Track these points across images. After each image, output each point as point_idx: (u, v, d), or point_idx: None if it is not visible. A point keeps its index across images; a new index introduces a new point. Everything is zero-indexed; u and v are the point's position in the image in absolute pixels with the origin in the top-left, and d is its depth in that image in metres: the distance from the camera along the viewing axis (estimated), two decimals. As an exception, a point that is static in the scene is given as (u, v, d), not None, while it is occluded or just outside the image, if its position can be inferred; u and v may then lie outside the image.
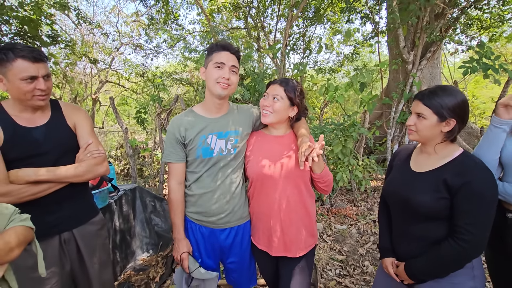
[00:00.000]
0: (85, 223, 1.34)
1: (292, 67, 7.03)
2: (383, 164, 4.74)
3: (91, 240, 1.35)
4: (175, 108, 3.82)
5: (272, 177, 1.30)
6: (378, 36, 4.48)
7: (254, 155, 1.38)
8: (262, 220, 1.36)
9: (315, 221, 1.44)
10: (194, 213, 1.41)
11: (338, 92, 3.30)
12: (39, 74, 1.13)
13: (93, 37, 8.19)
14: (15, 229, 0.88)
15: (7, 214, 0.91)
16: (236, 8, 7.38)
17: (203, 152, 1.32)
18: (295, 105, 1.33)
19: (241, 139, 1.39)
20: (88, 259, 1.34)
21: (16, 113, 1.18)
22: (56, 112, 1.29)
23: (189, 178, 1.40)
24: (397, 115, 3.94)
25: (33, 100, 1.15)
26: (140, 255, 2.69)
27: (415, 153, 1.23)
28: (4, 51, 1.08)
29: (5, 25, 3.53)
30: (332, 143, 3.42)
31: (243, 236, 1.45)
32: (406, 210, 1.15)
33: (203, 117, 1.36)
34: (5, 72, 1.10)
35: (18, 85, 1.10)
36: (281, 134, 1.39)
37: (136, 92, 9.34)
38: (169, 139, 1.36)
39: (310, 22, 7.05)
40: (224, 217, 1.38)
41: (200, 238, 1.42)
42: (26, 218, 0.93)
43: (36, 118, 1.22)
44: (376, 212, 3.66)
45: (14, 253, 0.85)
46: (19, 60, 1.08)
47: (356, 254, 2.77)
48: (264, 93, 1.37)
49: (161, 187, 3.80)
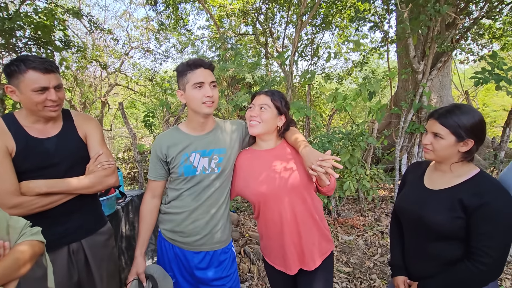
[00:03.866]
0: (93, 234, 1.34)
1: (299, 74, 7.04)
2: (391, 173, 4.68)
3: (99, 251, 1.35)
4: (183, 114, 3.84)
5: (272, 193, 1.25)
6: (388, 44, 4.45)
7: (248, 176, 1.33)
8: (273, 240, 1.32)
9: (327, 225, 1.38)
10: (169, 231, 1.36)
11: (347, 101, 3.28)
12: (50, 85, 1.13)
13: (104, 42, 8.35)
14: (26, 244, 0.88)
15: (19, 228, 0.90)
16: (244, 14, 7.44)
17: (185, 170, 1.28)
18: (283, 114, 1.32)
19: (226, 157, 1.33)
20: (95, 270, 1.33)
21: (28, 124, 1.19)
22: (68, 123, 1.29)
23: (170, 194, 1.36)
24: (406, 125, 3.89)
25: (45, 111, 1.16)
26: (146, 262, 2.68)
27: (429, 170, 1.21)
28: (16, 63, 1.09)
29: (20, 31, 3.62)
30: (340, 152, 3.39)
31: (219, 260, 1.38)
32: (419, 227, 1.13)
33: (187, 134, 1.33)
34: (17, 84, 1.11)
35: (29, 96, 1.11)
36: (271, 146, 1.35)
37: (145, 96, 9.45)
38: (152, 156, 1.35)
39: (318, 28, 7.06)
40: (200, 239, 1.33)
41: (172, 258, 1.37)
42: (37, 232, 0.93)
43: (48, 129, 1.23)
44: (384, 223, 3.60)
45: (25, 269, 0.84)
46: (30, 72, 1.09)
47: (363, 266, 2.72)
48: (250, 105, 1.34)
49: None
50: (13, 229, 0.89)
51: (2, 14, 3.39)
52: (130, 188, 5.08)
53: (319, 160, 1.10)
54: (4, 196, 1.07)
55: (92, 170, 1.26)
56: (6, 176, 1.08)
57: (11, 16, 3.33)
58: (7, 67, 1.11)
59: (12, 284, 0.81)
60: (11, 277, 0.81)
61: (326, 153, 1.12)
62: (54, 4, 4.09)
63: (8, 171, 1.09)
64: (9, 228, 0.89)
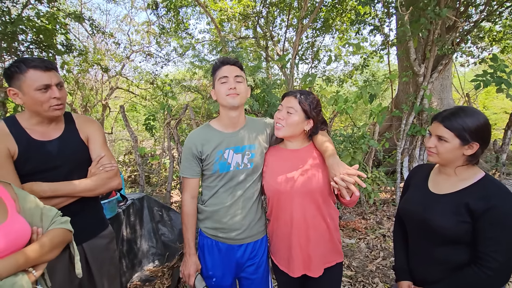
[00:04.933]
0: (95, 237, 1.33)
1: (300, 77, 7.06)
2: (393, 176, 4.67)
3: (100, 254, 1.34)
4: (184, 117, 3.85)
5: (287, 193, 1.26)
6: (388, 47, 4.47)
7: (269, 171, 1.36)
8: (281, 240, 1.32)
9: (339, 237, 1.36)
10: (210, 229, 1.39)
11: (348, 103, 3.28)
12: (52, 83, 1.14)
13: (106, 45, 8.38)
14: (56, 231, 0.97)
15: (51, 216, 0.99)
16: (245, 18, 7.48)
17: (220, 167, 1.32)
18: (311, 119, 1.29)
19: (258, 153, 1.37)
20: (96, 273, 1.32)
21: (30, 126, 1.18)
22: (69, 125, 1.29)
23: (206, 193, 1.39)
24: (407, 127, 3.89)
25: (50, 111, 1.15)
26: (147, 265, 2.67)
27: (434, 173, 1.20)
28: (17, 64, 1.10)
29: (22, 35, 3.64)
30: (341, 155, 3.39)
31: (258, 252, 1.42)
32: (424, 231, 1.12)
33: (219, 131, 1.36)
34: (20, 85, 1.11)
35: (33, 95, 1.10)
36: (297, 147, 1.35)
37: (145, 99, 9.46)
38: (185, 154, 1.36)
39: (319, 32, 7.09)
40: (241, 233, 1.36)
41: (216, 254, 1.39)
42: (66, 221, 1.01)
43: (50, 132, 1.22)
44: (386, 226, 3.58)
45: (54, 253, 0.95)
46: (31, 71, 1.10)
47: (366, 270, 2.70)
48: (279, 105, 1.34)
49: (168, 196, 3.80)
50: (46, 217, 0.98)
51: (4, 18, 3.41)
52: (131, 191, 5.07)
53: (342, 174, 1.07)
54: None
55: (94, 173, 1.25)
56: (7, 178, 1.08)
57: (14, 19, 3.34)
58: (7, 70, 1.11)
59: (41, 267, 0.91)
60: (42, 260, 0.90)
61: (352, 167, 1.09)
62: (56, 8, 4.11)
63: (10, 174, 1.09)
64: (43, 216, 0.98)
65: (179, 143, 3.55)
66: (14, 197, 0.96)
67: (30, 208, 0.96)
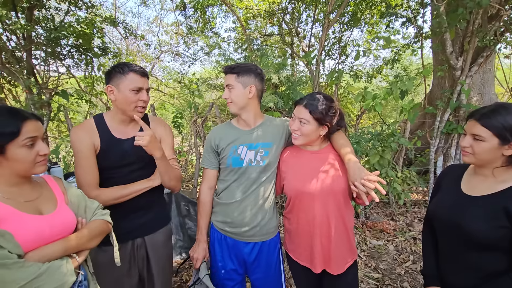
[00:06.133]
0: (155, 232, 1.40)
1: (326, 73, 6.89)
2: (425, 176, 4.42)
3: (159, 250, 1.41)
4: (210, 115, 3.94)
5: (310, 193, 1.27)
6: (422, 40, 4.21)
7: (291, 171, 1.37)
8: (302, 237, 1.34)
9: (353, 236, 1.39)
10: (220, 222, 1.44)
11: (376, 100, 3.16)
12: (144, 87, 1.27)
13: (137, 47, 8.80)
14: (97, 222, 1.05)
15: (93, 208, 1.08)
16: (270, 15, 7.44)
17: (233, 162, 1.38)
18: (325, 125, 1.28)
19: (271, 152, 1.40)
20: (154, 267, 1.39)
21: (113, 124, 1.31)
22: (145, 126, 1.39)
23: (220, 186, 1.46)
24: (442, 125, 3.65)
25: (134, 111, 1.27)
26: (174, 258, 2.79)
27: (468, 174, 1.13)
28: (121, 66, 1.25)
29: (64, 40, 3.94)
30: (369, 153, 3.27)
31: (269, 252, 1.44)
32: (456, 236, 1.06)
33: (237, 128, 1.44)
34: (118, 84, 1.24)
35: (126, 94, 1.24)
36: (316, 149, 1.37)
37: (173, 97, 9.81)
38: (206, 146, 1.47)
39: (346, 26, 6.86)
40: (249, 230, 1.39)
41: (225, 248, 1.44)
42: (106, 213, 1.10)
43: (128, 131, 1.34)
44: (417, 228, 3.41)
45: (95, 242, 1.02)
46: (131, 74, 1.24)
47: (394, 273, 2.61)
48: (292, 114, 1.35)
49: (195, 191, 3.93)
50: (89, 209, 1.08)
51: (49, 25, 3.71)
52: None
53: (363, 179, 1.09)
54: (87, 187, 1.21)
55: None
56: (90, 170, 1.22)
57: (57, 26, 3.63)
58: (111, 69, 1.26)
59: (84, 253, 1.00)
60: (84, 247, 0.99)
61: (373, 173, 1.09)
62: (93, 14, 4.39)
63: (92, 166, 1.23)
64: (86, 208, 1.08)
65: (205, 140, 3.65)
66: (64, 191, 1.07)
67: (76, 201, 1.07)
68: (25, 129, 0.89)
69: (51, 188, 1.04)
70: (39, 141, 0.94)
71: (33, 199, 0.95)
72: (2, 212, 0.85)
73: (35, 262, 0.83)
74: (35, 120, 0.93)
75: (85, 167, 1.22)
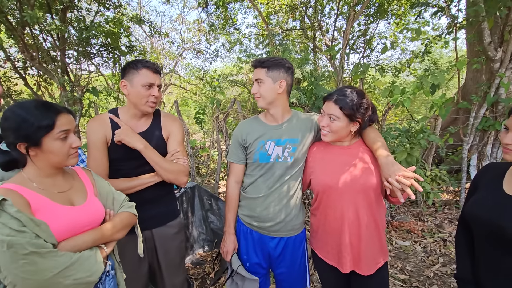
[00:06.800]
0: (164, 225, 1.43)
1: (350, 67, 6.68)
2: (457, 175, 4.18)
3: (167, 242, 1.43)
4: (231, 110, 3.96)
5: (339, 189, 1.23)
6: (456, 31, 3.94)
7: (318, 166, 1.33)
8: (330, 234, 1.30)
9: (385, 236, 1.32)
10: (246, 216, 1.45)
11: (405, 95, 3.01)
12: (156, 83, 1.31)
13: (162, 45, 9.03)
14: (124, 214, 1.08)
15: (120, 201, 1.12)
16: (292, 9, 7.31)
17: (260, 157, 1.37)
18: (356, 121, 1.22)
19: (299, 147, 1.37)
20: (162, 260, 1.42)
21: (126, 118, 1.36)
22: (156, 122, 1.43)
23: (246, 181, 1.46)
24: (477, 121, 3.42)
25: (145, 106, 1.32)
26: (197, 250, 2.86)
27: (510, 173, 1.04)
28: (135, 63, 1.30)
29: (94, 39, 4.12)
30: (396, 150, 3.14)
31: (294, 247, 1.42)
32: (496, 239, 0.98)
33: (264, 124, 1.42)
34: (131, 79, 1.29)
35: (138, 89, 1.29)
36: (346, 145, 1.31)
37: (195, 94, 9.98)
38: (233, 140, 1.47)
39: (372, 18, 6.59)
40: (274, 225, 1.38)
41: (250, 241, 1.45)
42: (132, 206, 1.13)
43: (139, 125, 1.38)
44: (447, 230, 3.25)
45: (122, 233, 1.05)
46: (144, 70, 1.29)
47: (422, 275, 2.50)
48: (321, 109, 1.30)
49: (217, 186, 3.98)
50: (116, 201, 1.11)
51: (80, 26, 3.90)
52: (183, 180, 5.44)
53: (397, 175, 1.03)
54: None
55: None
56: (101, 161, 1.28)
57: (87, 26, 3.81)
58: (126, 65, 1.32)
59: (112, 244, 1.02)
60: (112, 238, 1.01)
61: (408, 169, 1.03)
62: (120, 13, 4.55)
63: (102, 157, 1.29)
64: (114, 200, 1.11)
65: (227, 136, 3.68)
66: (93, 182, 1.10)
67: (105, 193, 1.10)
68: (59, 122, 0.91)
69: (81, 179, 1.07)
70: (72, 134, 0.97)
71: (65, 190, 0.98)
72: (38, 203, 0.88)
73: (67, 251, 0.86)
74: (67, 114, 0.95)
75: (96, 157, 1.28)
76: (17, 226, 0.77)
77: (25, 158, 0.92)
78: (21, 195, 0.86)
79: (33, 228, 0.79)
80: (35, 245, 0.78)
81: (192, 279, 2.48)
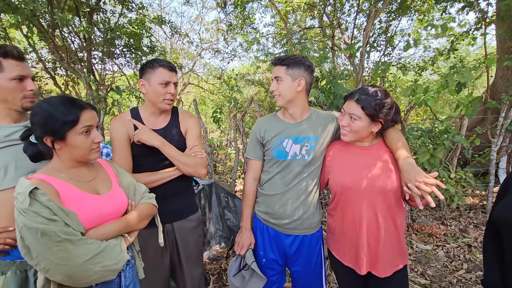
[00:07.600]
0: (183, 219, 1.47)
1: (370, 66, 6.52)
2: (484, 178, 3.98)
3: (186, 236, 1.47)
4: (249, 109, 3.99)
5: (358, 190, 1.21)
6: (486, 27, 3.75)
7: (337, 166, 1.32)
8: (347, 236, 1.29)
9: (404, 239, 1.29)
10: (263, 213, 1.46)
11: (429, 94, 2.90)
12: (172, 81, 1.36)
13: (181, 44, 9.21)
14: (145, 204, 1.12)
15: (141, 192, 1.15)
16: (311, 7, 7.23)
17: (278, 154, 1.37)
18: (378, 122, 1.19)
19: (317, 146, 1.36)
20: (182, 253, 1.46)
21: (146, 116, 1.42)
22: (174, 118, 1.48)
23: (263, 177, 1.47)
24: (507, 121, 3.24)
25: (163, 103, 1.37)
26: (214, 246, 2.91)
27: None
28: (151, 62, 1.36)
29: (117, 40, 4.28)
30: (418, 151, 3.03)
31: (310, 246, 1.42)
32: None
33: (283, 121, 1.42)
34: (149, 78, 1.35)
35: (156, 88, 1.34)
36: (367, 145, 1.29)
37: (213, 93, 10.11)
38: (251, 137, 1.48)
39: (394, 15, 6.39)
40: (290, 222, 1.38)
41: (267, 238, 1.46)
42: (152, 197, 1.17)
43: (158, 122, 1.43)
44: (472, 235, 3.10)
45: (144, 223, 1.09)
46: (160, 68, 1.34)
47: (444, 281, 2.41)
48: (342, 109, 1.27)
49: (233, 184, 4.02)
50: (138, 192, 1.15)
51: (105, 27, 4.06)
52: (200, 178, 5.53)
53: (418, 181, 0.99)
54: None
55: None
56: (125, 157, 1.34)
57: (112, 27, 3.96)
58: (143, 65, 1.38)
59: (134, 234, 1.06)
60: (134, 227, 1.05)
61: (430, 175, 0.99)
62: (142, 15, 4.69)
63: (126, 153, 1.35)
64: (136, 191, 1.15)
65: (244, 135, 3.71)
66: (116, 173, 1.15)
67: (127, 183, 1.14)
68: (83, 117, 0.95)
69: (105, 170, 1.12)
70: (94, 129, 1.00)
71: (91, 180, 1.03)
72: (67, 192, 0.92)
73: (95, 240, 0.90)
74: (91, 109, 0.99)
75: (121, 154, 1.33)
76: (49, 214, 0.81)
77: (51, 151, 0.97)
78: (51, 185, 0.90)
79: (63, 217, 0.84)
80: (67, 233, 0.82)
81: (209, 274, 2.52)
